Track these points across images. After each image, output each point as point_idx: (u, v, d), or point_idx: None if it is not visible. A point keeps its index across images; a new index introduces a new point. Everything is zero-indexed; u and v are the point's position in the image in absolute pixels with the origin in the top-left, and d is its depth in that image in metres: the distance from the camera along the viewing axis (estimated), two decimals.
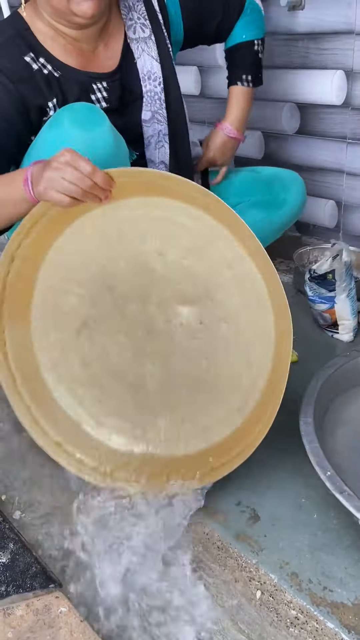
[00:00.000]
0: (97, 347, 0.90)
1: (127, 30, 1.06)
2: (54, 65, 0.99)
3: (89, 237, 0.88)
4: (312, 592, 0.73)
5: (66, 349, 0.91)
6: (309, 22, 1.45)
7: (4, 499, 0.89)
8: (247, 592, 0.74)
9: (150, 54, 1.07)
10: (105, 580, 0.74)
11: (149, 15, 1.07)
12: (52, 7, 0.93)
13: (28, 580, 0.72)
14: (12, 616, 0.68)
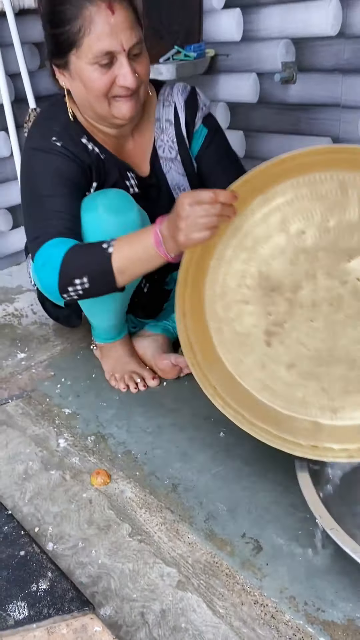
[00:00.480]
0: (292, 346, 0.93)
1: (157, 149, 1.21)
2: (100, 150, 1.15)
3: (231, 258, 0.93)
4: (307, 612, 0.86)
5: (266, 364, 0.95)
6: (300, 94, 1.62)
7: (37, 531, 1.01)
8: (252, 613, 0.86)
9: (177, 171, 1.22)
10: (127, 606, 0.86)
11: (178, 139, 1.21)
12: (95, 112, 1.09)
13: (66, 604, 0.85)
14: (55, 634, 0.80)
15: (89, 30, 1.00)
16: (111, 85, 1.04)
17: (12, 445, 1.22)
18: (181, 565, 0.94)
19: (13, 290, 1.92)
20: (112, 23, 0.99)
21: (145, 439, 1.21)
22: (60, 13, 1.01)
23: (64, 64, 1.07)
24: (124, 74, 1.02)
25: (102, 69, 1.02)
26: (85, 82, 1.05)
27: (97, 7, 0.99)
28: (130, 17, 1.02)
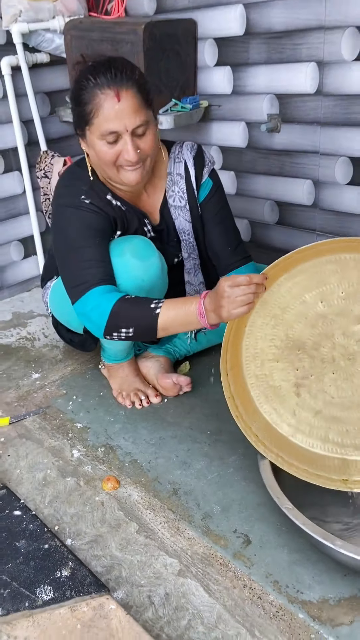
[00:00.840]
0: (317, 395, 1.12)
1: (168, 198, 1.41)
2: (122, 203, 1.34)
3: (262, 324, 1.15)
4: (288, 594, 1.02)
5: (296, 411, 1.12)
6: (284, 142, 1.82)
7: (57, 529, 1.17)
8: (242, 594, 1.02)
9: (185, 218, 1.42)
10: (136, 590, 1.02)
11: (188, 190, 1.41)
12: (107, 175, 1.28)
13: (85, 587, 1.00)
14: (77, 611, 0.96)
15: (99, 113, 1.19)
16: (117, 158, 1.23)
17: (31, 456, 1.38)
18: (182, 556, 1.10)
19: (25, 315, 2.09)
20: (117, 109, 1.18)
21: (149, 450, 1.38)
22: (80, 95, 1.20)
23: (82, 134, 1.26)
24: (127, 150, 1.21)
25: (109, 144, 1.21)
26: (97, 153, 1.24)
27: (105, 95, 1.18)
28: (136, 103, 1.19)
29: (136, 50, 1.72)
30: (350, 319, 1.13)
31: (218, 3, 1.78)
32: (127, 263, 1.27)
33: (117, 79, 1.18)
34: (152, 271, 1.30)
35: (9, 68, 1.93)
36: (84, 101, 1.20)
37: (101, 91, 1.18)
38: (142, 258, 1.28)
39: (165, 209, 1.41)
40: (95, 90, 1.18)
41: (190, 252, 1.46)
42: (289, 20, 1.64)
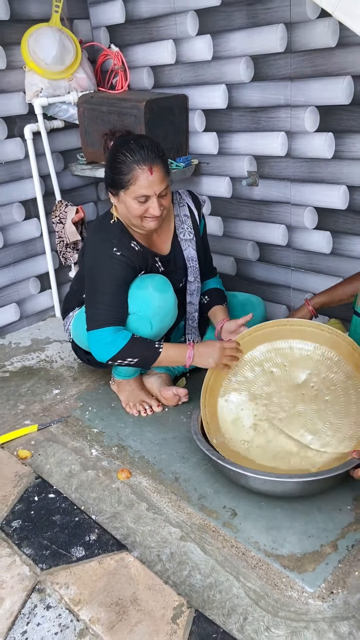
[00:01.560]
0: (268, 430, 1.56)
1: (178, 233, 1.78)
2: (140, 246, 1.69)
3: (233, 380, 1.65)
4: (265, 550, 1.32)
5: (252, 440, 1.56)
6: (262, 194, 2.18)
7: (83, 508, 1.47)
8: (230, 552, 1.32)
9: (192, 248, 1.79)
10: (147, 551, 1.32)
11: (193, 226, 1.80)
12: (131, 223, 1.63)
13: (109, 547, 1.30)
14: (104, 563, 1.26)
15: (135, 182, 1.54)
16: (144, 212, 1.58)
17: (58, 454, 1.68)
18: (183, 526, 1.40)
19: (43, 341, 2.41)
20: (150, 180, 1.54)
21: (154, 448, 1.68)
22: (119, 166, 1.55)
23: (115, 193, 1.61)
24: (153, 208, 1.57)
25: (140, 203, 1.57)
26: (128, 208, 1.59)
27: (142, 169, 1.53)
28: (162, 174, 1.56)
29: (139, 121, 2.10)
30: (293, 380, 1.62)
31: (205, 82, 2.17)
32: (150, 295, 1.63)
33: (150, 157, 1.54)
34: (168, 302, 1.67)
35: (31, 133, 2.30)
36: (123, 172, 1.55)
37: (138, 166, 1.53)
38: (162, 291, 1.65)
39: (176, 242, 1.78)
40: (133, 165, 1.53)
41: (195, 276, 1.82)
42: (262, 98, 2.03)
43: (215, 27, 2.05)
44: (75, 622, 1.15)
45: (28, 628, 1.15)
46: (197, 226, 1.81)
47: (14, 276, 2.46)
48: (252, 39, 1.97)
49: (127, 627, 1.13)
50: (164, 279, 1.68)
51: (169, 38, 2.21)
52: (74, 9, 2.40)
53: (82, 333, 1.77)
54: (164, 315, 1.67)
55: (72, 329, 1.87)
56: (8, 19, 2.18)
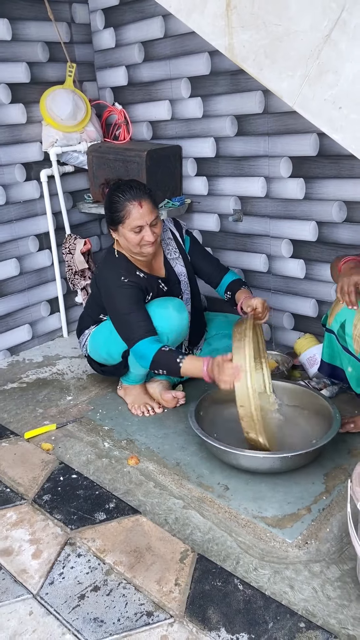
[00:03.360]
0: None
1: (166, 254, 2.11)
2: (144, 273, 2.01)
3: None
4: (253, 514, 1.62)
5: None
6: (245, 228, 2.56)
7: (101, 486, 1.75)
8: (224, 516, 1.62)
9: (180, 264, 2.13)
10: (156, 516, 1.61)
11: (177, 246, 2.13)
12: (131, 251, 1.97)
13: (125, 511, 1.59)
14: (122, 524, 1.54)
15: (129, 216, 1.89)
16: (141, 240, 1.93)
17: (76, 447, 1.97)
18: (184, 498, 1.69)
19: (53, 358, 2.71)
20: (140, 212, 1.89)
21: (157, 441, 1.98)
22: (114, 205, 1.91)
23: (115, 229, 1.96)
24: (147, 235, 1.91)
25: (136, 233, 1.91)
26: (127, 239, 1.94)
27: (133, 205, 1.89)
28: (151, 207, 1.89)
29: (140, 167, 2.48)
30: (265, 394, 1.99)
31: (197, 135, 2.57)
32: (169, 314, 1.96)
33: (138, 194, 1.89)
34: (184, 321, 2.00)
35: (46, 177, 2.67)
36: (118, 209, 1.90)
37: (130, 202, 1.89)
38: (179, 312, 1.98)
39: (166, 263, 2.11)
40: (126, 202, 1.89)
41: (185, 289, 2.16)
42: (245, 149, 2.43)
43: (205, 91, 2.47)
44: (102, 564, 1.44)
45: (64, 570, 1.42)
46: (181, 245, 2.15)
47: (28, 300, 2.78)
48: (235, 102, 2.38)
49: (144, 567, 1.42)
50: (181, 303, 2.01)
51: (165, 99, 2.62)
52: (83, 73, 2.81)
53: (99, 348, 2.09)
54: (179, 332, 2.00)
55: (89, 344, 2.18)
56: (29, 81, 2.57)
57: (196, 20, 1.22)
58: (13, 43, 2.48)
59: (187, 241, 2.17)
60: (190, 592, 1.34)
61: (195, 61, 2.45)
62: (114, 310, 1.97)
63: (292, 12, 1.10)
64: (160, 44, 2.55)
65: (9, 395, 2.36)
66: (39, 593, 1.36)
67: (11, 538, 1.54)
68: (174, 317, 1.96)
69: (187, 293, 2.17)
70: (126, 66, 2.71)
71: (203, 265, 2.18)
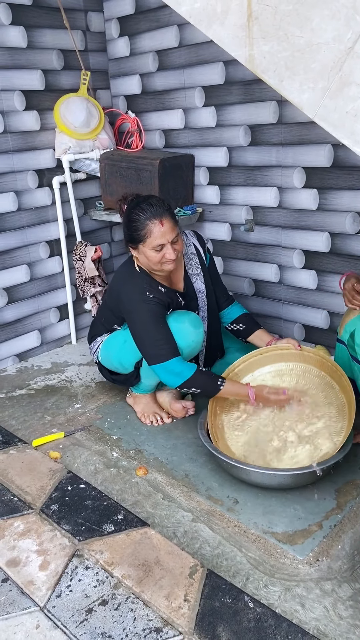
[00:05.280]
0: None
1: (187, 269, 2.09)
2: (164, 288, 1.99)
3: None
4: (263, 529, 1.59)
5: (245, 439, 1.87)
6: (257, 238, 2.55)
7: (109, 497, 1.73)
8: (234, 531, 1.59)
9: (200, 281, 2.10)
10: (165, 529, 1.59)
11: (200, 262, 2.11)
12: (151, 268, 1.94)
13: (134, 524, 1.57)
14: (130, 536, 1.52)
15: (150, 235, 1.86)
16: (162, 258, 1.90)
17: (83, 456, 1.96)
18: (193, 511, 1.67)
19: (61, 364, 2.70)
20: (162, 231, 1.84)
21: (166, 451, 1.96)
22: (134, 224, 1.87)
23: (135, 247, 1.93)
24: (169, 253, 1.88)
25: (157, 252, 1.88)
26: (148, 257, 1.91)
27: (154, 224, 1.85)
28: (172, 224, 1.85)
29: (153, 176, 2.48)
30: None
31: (210, 144, 2.57)
32: (186, 329, 1.93)
33: (159, 212, 1.85)
34: (199, 336, 1.97)
35: (58, 184, 2.67)
36: (139, 229, 1.87)
37: (150, 222, 1.85)
38: (195, 327, 1.96)
39: (187, 278, 2.09)
40: (147, 222, 1.85)
41: (202, 305, 2.13)
42: (258, 159, 2.42)
43: (219, 101, 2.47)
44: (110, 578, 1.41)
45: (72, 583, 1.40)
46: (203, 262, 2.13)
47: (38, 306, 2.77)
48: (249, 112, 2.37)
49: (153, 581, 1.39)
50: (197, 317, 2.00)
51: (179, 108, 2.62)
52: (97, 81, 2.82)
53: (111, 356, 2.07)
54: (194, 347, 1.98)
55: (101, 352, 2.16)
56: (43, 89, 2.58)
57: (217, 30, 1.21)
58: (28, 50, 2.50)
59: (207, 259, 2.15)
60: (199, 609, 1.32)
61: (209, 70, 2.45)
62: (139, 325, 1.92)
63: (315, 23, 1.10)
64: (174, 53, 2.55)
65: (17, 402, 2.35)
66: (45, 606, 1.34)
67: (18, 548, 1.52)
68: (189, 332, 1.94)
69: (203, 310, 2.14)
70: (140, 75, 2.72)
71: (215, 284, 2.17)
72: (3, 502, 1.71)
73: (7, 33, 2.41)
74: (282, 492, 1.72)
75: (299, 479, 1.66)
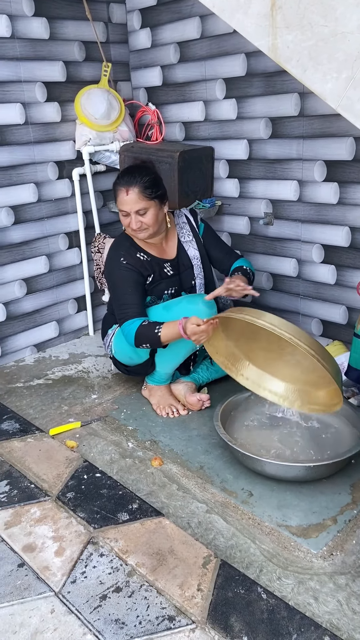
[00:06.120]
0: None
1: (180, 237, 2.13)
2: (147, 255, 2.04)
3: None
4: (277, 522, 1.59)
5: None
6: (276, 232, 2.54)
7: (125, 486, 1.75)
8: (248, 523, 1.60)
9: (194, 248, 2.14)
10: (179, 519, 1.60)
11: (191, 229, 2.15)
12: (130, 234, 2.00)
13: (149, 513, 1.58)
14: (145, 525, 1.53)
15: (117, 199, 1.96)
16: (128, 225, 1.97)
17: (99, 446, 1.97)
18: (208, 502, 1.68)
19: (79, 355, 2.72)
20: (124, 199, 1.92)
21: (181, 443, 1.97)
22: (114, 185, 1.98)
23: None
24: (132, 223, 1.95)
25: (123, 216, 1.97)
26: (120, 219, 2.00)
27: (121, 190, 1.93)
28: (138, 197, 1.90)
29: (173, 168, 2.47)
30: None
31: (230, 137, 2.56)
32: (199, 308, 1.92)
33: (130, 181, 1.92)
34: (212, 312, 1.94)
35: (78, 175, 2.68)
36: (114, 189, 1.98)
37: (119, 187, 1.95)
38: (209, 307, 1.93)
39: (180, 246, 2.13)
40: (118, 186, 1.96)
41: (198, 272, 2.15)
42: (278, 152, 2.40)
43: (240, 93, 2.45)
44: (124, 565, 1.43)
45: (86, 569, 1.42)
46: (195, 230, 2.17)
47: (56, 297, 2.80)
48: (270, 104, 2.35)
49: (167, 570, 1.40)
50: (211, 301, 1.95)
51: (199, 100, 2.61)
52: (118, 73, 2.82)
53: (124, 346, 2.09)
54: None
55: (114, 344, 2.18)
56: (64, 80, 2.59)
57: (240, 20, 1.20)
58: (50, 42, 2.50)
59: (202, 227, 2.19)
60: (212, 599, 1.33)
61: (231, 62, 2.43)
62: (112, 289, 2.04)
63: (339, 13, 1.08)
64: (196, 44, 2.54)
65: (35, 392, 2.37)
66: (60, 591, 1.36)
67: (35, 534, 1.54)
68: (203, 313, 1.94)
69: (200, 278, 2.16)
70: (161, 66, 2.71)
71: (215, 251, 2.19)
72: (20, 489, 1.73)
73: (29, 24, 2.42)
74: (297, 486, 1.71)
75: (314, 471, 1.65)
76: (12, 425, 2.10)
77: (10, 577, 1.40)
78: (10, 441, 2.00)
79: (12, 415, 2.17)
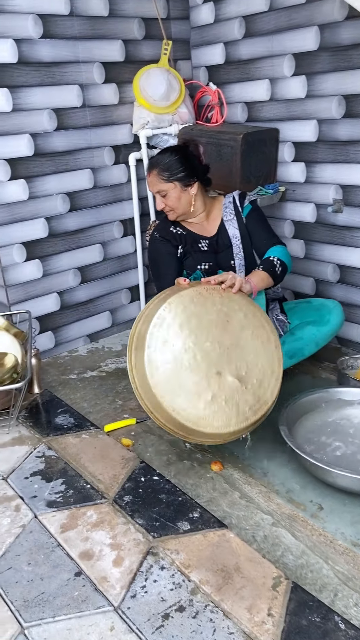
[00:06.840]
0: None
1: (223, 216, 2.05)
2: (183, 229, 2.01)
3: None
4: (352, 540, 1.45)
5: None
6: (346, 220, 2.35)
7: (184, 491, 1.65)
8: (319, 540, 1.47)
9: (234, 227, 2.04)
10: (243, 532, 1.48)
11: (234, 209, 2.05)
12: None
13: (211, 524, 1.47)
14: (208, 537, 1.43)
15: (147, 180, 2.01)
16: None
17: (155, 445, 1.88)
18: (273, 514, 1.56)
19: None
20: (148, 181, 1.99)
21: (242, 449, 1.85)
22: None
23: None
24: (157, 203, 2.00)
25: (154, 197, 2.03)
26: None
27: (147, 172, 1.99)
28: (155, 179, 1.95)
29: (235, 152, 2.32)
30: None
31: (297, 117, 2.38)
32: None
33: (151, 165, 1.97)
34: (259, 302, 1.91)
35: (135, 160, 2.57)
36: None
37: (147, 170, 2.02)
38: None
39: (222, 226, 2.06)
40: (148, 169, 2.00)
41: (237, 252, 2.04)
42: (351, 133, 2.21)
43: (311, 69, 2.26)
44: (187, 582, 1.33)
45: (147, 583, 1.33)
46: (238, 210, 2.06)
47: (110, 287, 2.71)
48: (344, 80, 2.16)
49: (233, 590, 1.30)
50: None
51: (265, 78, 2.43)
52: (178, 51, 2.67)
53: None
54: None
55: None
56: (123, 60, 2.47)
57: None
58: (109, 19, 2.39)
59: (248, 208, 2.07)
60: (285, 626, 1.21)
61: (301, 35, 2.24)
62: (150, 267, 2.13)
63: None
64: (263, 18, 2.36)
65: (89, 384, 2.31)
66: (120, 606, 1.28)
67: (92, 540, 1.47)
68: None
69: (239, 258, 2.04)
70: (224, 43, 2.55)
71: (256, 232, 2.06)
72: (76, 489, 1.67)
73: (89, 1, 2.31)
74: None
75: None
76: (67, 419, 2.04)
77: (67, 587, 1.33)
78: (65, 437, 1.94)
79: (67, 409, 2.11)
